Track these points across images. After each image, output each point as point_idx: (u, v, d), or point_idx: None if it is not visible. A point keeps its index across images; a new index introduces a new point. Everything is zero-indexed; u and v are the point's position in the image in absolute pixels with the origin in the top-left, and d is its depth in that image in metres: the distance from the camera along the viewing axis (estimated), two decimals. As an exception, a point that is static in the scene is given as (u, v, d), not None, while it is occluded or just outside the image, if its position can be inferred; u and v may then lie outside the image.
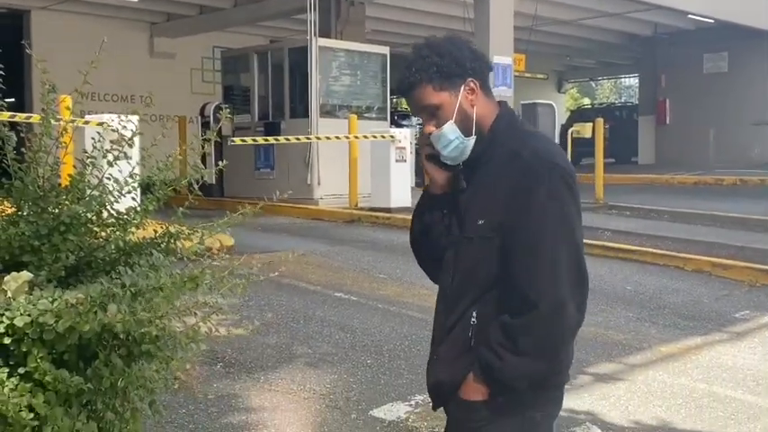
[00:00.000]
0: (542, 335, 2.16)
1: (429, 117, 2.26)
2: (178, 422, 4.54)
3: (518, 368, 2.16)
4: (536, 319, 2.13)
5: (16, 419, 2.04)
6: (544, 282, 2.14)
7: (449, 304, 2.31)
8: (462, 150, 2.26)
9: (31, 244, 2.37)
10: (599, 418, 4.87)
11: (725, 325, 7.04)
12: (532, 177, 2.16)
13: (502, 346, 2.17)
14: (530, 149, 2.22)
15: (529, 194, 2.15)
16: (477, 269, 2.24)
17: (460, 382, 2.25)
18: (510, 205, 2.17)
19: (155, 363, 2.28)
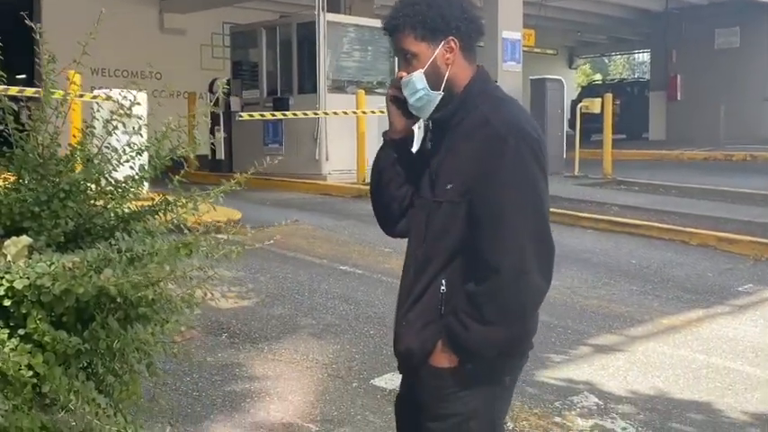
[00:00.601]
0: (506, 302, 2.18)
1: (404, 62, 2.28)
2: (182, 390, 4.63)
3: (484, 337, 2.19)
4: (499, 286, 2.16)
5: (16, 378, 2.11)
6: (506, 249, 2.16)
7: (418, 269, 2.31)
8: (427, 102, 2.26)
9: (32, 210, 2.43)
10: (597, 388, 4.94)
11: (727, 298, 7.07)
12: (499, 144, 2.16)
13: (468, 314, 2.19)
14: (499, 116, 2.22)
15: (495, 161, 2.16)
16: (444, 234, 2.25)
17: (430, 349, 2.28)
18: (477, 171, 2.18)
19: (150, 326, 2.34)
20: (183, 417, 4.30)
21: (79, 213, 2.50)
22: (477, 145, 2.20)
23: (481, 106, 2.25)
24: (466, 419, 2.29)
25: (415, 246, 2.35)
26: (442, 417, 2.31)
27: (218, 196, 2.60)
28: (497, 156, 2.16)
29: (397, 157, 2.39)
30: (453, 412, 2.29)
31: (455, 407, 2.29)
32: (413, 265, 2.34)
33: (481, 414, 2.30)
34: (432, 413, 2.33)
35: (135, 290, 2.21)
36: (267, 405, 4.59)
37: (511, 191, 2.16)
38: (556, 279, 7.31)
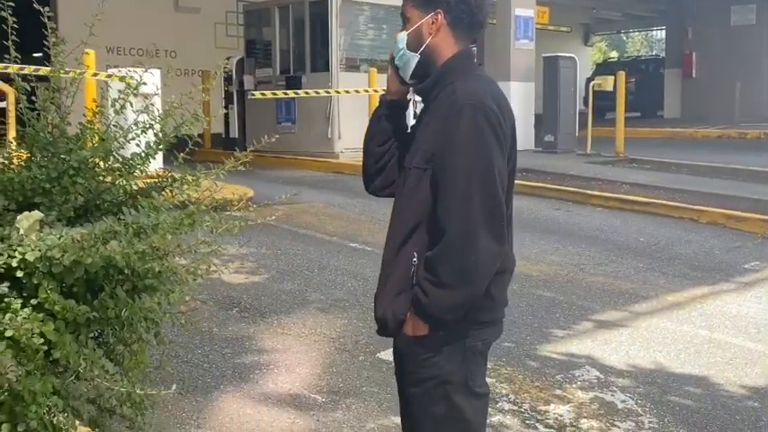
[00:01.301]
0: (456, 264, 2.26)
1: (402, 24, 2.47)
2: (194, 362, 4.76)
3: (442, 300, 2.28)
4: (448, 248, 2.25)
5: (28, 345, 2.23)
6: (455, 212, 2.25)
7: (390, 237, 2.43)
8: (406, 62, 2.44)
9: (43, 186, 2.54)
10: (598, 362, 5.03)
11: (733, 275, 7.13)
12: (456, 112, 2.27)
13: (426, 279, 2.29)
14: (464, 88, 2.33)
15: (451, 128, 2.27)
16: (411, 201, 2.36)
17: (402, 319, 2.38)
18: (438, 138, 2.31)
19: (157, 296, 2.45)
20: (194, 387, 4.44)
21: (88, 189, 2.61)
22: (443, 113, 2.32)
23: (457, 81, 2.36)
24: (441, 383, 2.40)
25: (392, 214, 2.46)
26: (419, 381, 2.42)
27: (219, 173, 2.70)
28: (454, 123, 2.27)
29: (385, 115, 2.56)
30: (429, 376, 2.40)
31: (430, 371, 2.39)
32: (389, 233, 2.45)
33: (455, 378, 2.41)
34: (409, 379, 2.45)
35: (142, 262, 2.32)
36: (275, 377, 4.71)
37: (462, 157, 2.26)
38: (563, 256, 7.45)
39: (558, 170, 12.27)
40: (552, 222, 9.24)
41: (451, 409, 2.42)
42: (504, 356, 5.05)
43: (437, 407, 2.43)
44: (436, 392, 2.41)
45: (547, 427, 4.18)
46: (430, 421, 2.46)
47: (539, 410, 4.36)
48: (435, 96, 2.39)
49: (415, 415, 2.49)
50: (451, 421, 2.44)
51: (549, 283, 6.72)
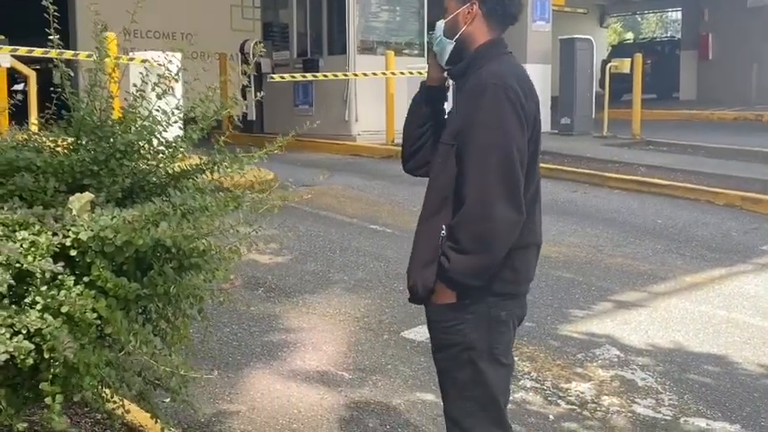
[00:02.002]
0: (475, 231, 2.41)
1: (443, 13, 2.63)
2: (223, 340, 4.89)
3: (462, 265, 2.43)
4: (466, 215, 2.41)
5: (82, 320, 2.34)
6: (473, 182, 2.41)
7: (422, 214, 2.60)
8: (443, 48, 2.62)
9: (91, 169, 2.65)
10: (618, 342, 5.13)
11: (751, 257, 7.19)
12: (480, 90, 2.44)
13: (449, 247, 2.44)
14: (490, 69, 2.50)
15: (474, 104, 2.44)
16: (443, 174, 2.52)
17: (431, 288, 2.52)
18: (462, 116, 2.50)
19: (202, 274, 2.56)
20: (225, 364, 4.57)
21: (134, 172, 2.72)
22: (468, 93, 2.50)
23: (485, 65, 2.53)
24: (465, 349, 2.54)
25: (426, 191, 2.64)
26: (444, 347, 2.58)
27: (262, 157, 2.80)
28: (477, 101, 2.44)
29: (424, 100, 2.72)
30: (454, 343, 2.55)
31: (455, 338, 2.54)
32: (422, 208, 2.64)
33: (480, 345, 2.55)
34: (436, 345, 2.63)
35: (188, 241, 2.42)
36: (303, 354, 4.84)
37: (482, 130, 2.42)
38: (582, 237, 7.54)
39: (574, 152, 12.31)
40: (570, 204, 9.31)
41: (476, 373, 2.56)
42: (526, 335, 5.15)
43: (462, 372, 2.57)
44: (461, 358, 2.55)
45: (569, 404, 4.29)
46: (454, 385, 2.61)
47: (560, 388, 4.46)
48: (467, 80, 2.56)
49: (441, 379, 2.65)
50: (475, 385, 2.58)
51: (568, 264, 6.81)
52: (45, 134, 2.95)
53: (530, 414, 4.15)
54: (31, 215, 2.37)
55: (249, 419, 4.02)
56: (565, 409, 4.23)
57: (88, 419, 3.61)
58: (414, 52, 15.15)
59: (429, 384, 4.32)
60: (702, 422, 4.09)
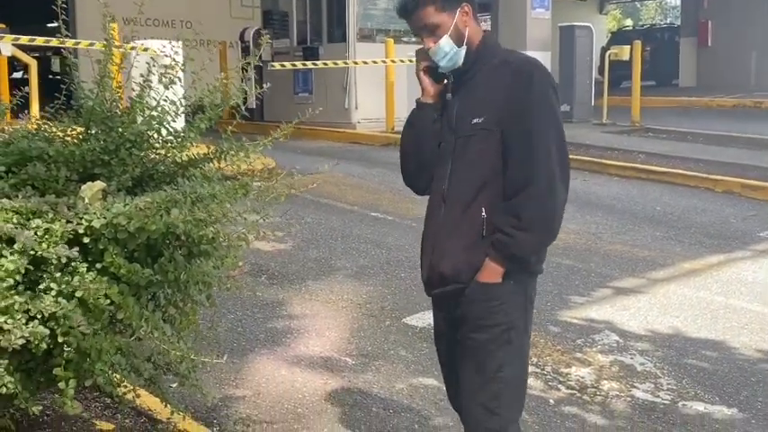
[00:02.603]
0: (540, 210, 2.53)
1: (429, 34, 2.62)
2: (228, 326, 4.95)
3: (526, 242, 2.54)
4: (535, 194, 2.51)
5: (96, 305, 2.40)
6: (540, 163, 2.51)
7: (452, 202, 2.62)
8: (455, 59, 2.63)
9: (102, 158, 2.70)
10: (617, 327, 5.19)
11: (749, 243, 7.25)
12: (527, 78, 2.54)
13: (510, 225, 2.52)
14: (517, 57, 2.65)
15: (525, 93, 2.52)
16: (479, 163, 2.57)
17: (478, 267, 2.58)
18: (508, 102, 2.53)
19: (211, 260, 2.62)
20: (230, 350, 4.63)
21: (143, 161, 2.77)
22: (501, 81, 2.57)
23: (496, 56, 2.65)
24: (507, 329, 2.62)
25: (441, 184, 2.66)
26: (486, 327, 2.61)
27: (267, 145, 2.86)
28: (527, 88, 2.53)
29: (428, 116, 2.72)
30: (497, 323, 2.61)
31: (498, 318, 2.61)
32: (442, 203, 2.65)
33: (518, 324, 2.65)
34: (475, 324, 2.63)
35: (198, 228, 2.48)
36: (306, 340, 4.90)
37: (541, 117, 2.53)
38: (581, 225, 7.59)
39: (574, 140, 12.33)
40: (569, 192, 9.33)
41: (514, 352, 2.65)
42: (526, 321, 5.21)
43: (500, 351, 2.62)
44: (502, 338, 2.61)
45: (569, 388, 4.36)
46: (487, 366, 2.64)
47: (560, 373, 4.53)
48: (475, 73, 2.63)
49: (481, 359, 2.65)
50: (510, 365, 2.66)
51: (568, 251, 6.86)
52: (55, 124, 3.00)
53: (530, 398, 4.20)
54: (44, 203, 2.43)
55: (255, 404, 4.09)
56: (565, 393, 4.30)
57: (98, 404, 3.68)
58: (413, 40, 15.15)
59: (431, 369, 4.38)
60: (700, 406, 4.16)
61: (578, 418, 4.03)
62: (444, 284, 2.66)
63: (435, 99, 2.71)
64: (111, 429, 3.51)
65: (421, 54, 2.69)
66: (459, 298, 2.65)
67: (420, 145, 2.73)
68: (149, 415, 3.67)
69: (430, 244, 2.69)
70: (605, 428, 3.93)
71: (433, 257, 2.67)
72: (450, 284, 2.65)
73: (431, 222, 2.71)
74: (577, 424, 3.97)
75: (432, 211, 2.71)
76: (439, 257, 2.65)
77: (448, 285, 2.65)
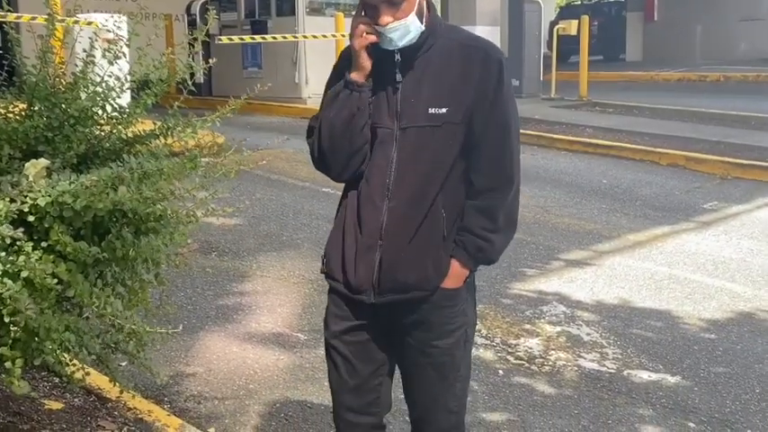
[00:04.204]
0: (511, 209, 2.43)
1: (390, 8, 2.27)
2: (178, 303, 4.90)
3: (502, 245, 2.44)
4: (507, 194, 2.39)
5: (42, 284, 2.37)
6: (513, 163, 2.40)
7: (402, 198, 2.35)
8: (413, 39, 2.32)
9: (45, 135, 2.65)
10: (565, 298, 5.29)
11: (693, 215, 7.42)
12: (497, 67, 2.34)
13: (485, 228, 2.38)
14: (475, 41, 2.43)
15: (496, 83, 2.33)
16: (440, 156, 2.35)
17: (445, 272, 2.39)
18: (477, 93, 2.32)
19: (160, 238, 2.60)
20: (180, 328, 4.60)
21: (88, 138, 2.73)
22: (469, 69, 2.33)
23: (448, 35, 2.40)
24: (467, 328, 2.50)
25: (382, 176, 2.37)
26: (451, 332, 2.46)
27: (215, 121, 2.83)
28: (497, 78, 2.34)
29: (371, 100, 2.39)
30: (459, 325, 2.47)
31: (460, 320, 2.47)
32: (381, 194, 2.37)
33: (473, 320, 2.56)
34: (441, 331, 2.44)
35: (145, 205, 2.46)
36: (258, 317, 4.90)
37: (511, 110, 2.39)
38: (530, 198, 7.69)
39: (523, 114, 12.28)
40: (518, 166, 9.44)
41: (469, 348, 2.57)
42: (477, 294, 5.27)
43: (461, 352, 2.51)
44: (462, 338, 2.49)
45: (517, 359, 4.44)
46: (451, 372, 2.51)
47: (509, 344, 4.61)
48: (427, 50, 2.36)
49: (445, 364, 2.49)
50: (467, 363, 2.57)
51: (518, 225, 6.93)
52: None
53: (480, 369, 4.28)
54: (-14, 182, 2.38)
55: (206, 381, 4.09)
56: (514, 364, 4.38)
57: (46, 383, 3.65)
58: (363, 14, 15.04)
59: (383, 343, 4.41)
60: (645, 374, 4.27)
61: (527, 388, 4.10)
62: (405, 291, 2.38)
63: (365, 79, 2.37)
64: (60, 408, 3.49)
65: (366, 28, 2.32)
66: (415, 304, 2.41)
67: (354, 130, 2.38)
68: (99, 394, 3.65)
69: (370, 243, 2.38)
70: (553, 397, 4.01)
71: (384, 261, 2.37)
72: (411, 291, 2.39)
73: (369, 217, 2.39)
74: (526, 393, 4.05)
75: (366, 203, 2.39)
76: (395, 261, 2.37)
77: (409, 293, 2.39)
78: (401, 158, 2.35)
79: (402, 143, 2.36)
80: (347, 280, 2.44)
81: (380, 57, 2.36)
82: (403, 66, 2.36)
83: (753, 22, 21.91)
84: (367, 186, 2.41)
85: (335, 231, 2.53)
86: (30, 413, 3.35)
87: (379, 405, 2.58)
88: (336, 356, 2.54)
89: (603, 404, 3.95)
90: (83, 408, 3.54)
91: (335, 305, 2.53)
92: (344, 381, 2.54)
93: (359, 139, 2.39)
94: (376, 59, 2.37)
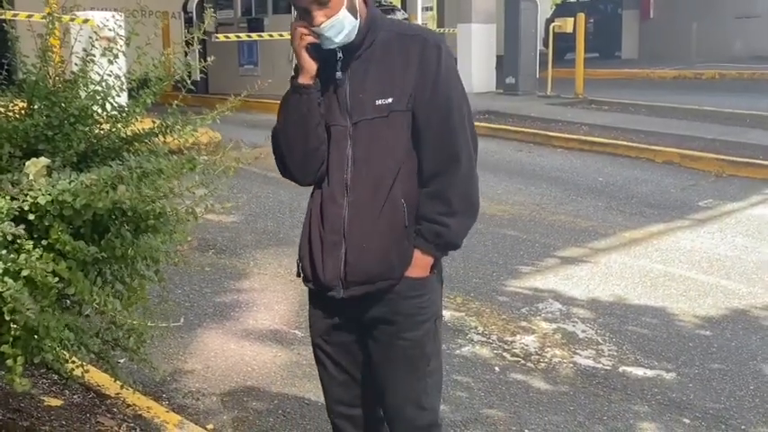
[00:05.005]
0: (466, 192, 2.42)
1: (319, 7, 2.28)
2: (176, 300, 4.94)
3: (461, 228, 2.44)
4: (462, 175, 2.39)
5: (43, 283, 2.39)
6: (461, 144, 2.39)
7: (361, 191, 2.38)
8: (351, 35, 2.35)
9: (45, 134, 2.66)
10: (560, 295, 5.32)
11: (688, 212, 7.46)
12: (435, 51, 2.36)
13: (441, 213, 2.39)
14: (415, 30, 2.50)
15: (435, 67, 2.35)
16: (393, 147, 2.38)
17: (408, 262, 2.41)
18: (418, 78, 2.35)
19: (159, 236, 2.62)
20: (178, 325, 4.63)
21: (88, 136, 2.74)
22: (408, 57, 2.36)
23: (388, 27, 2.44)
24: (435, 320, 2.51)
25: (340, 172, 2.40)
26: (419, 323, 2.46)
27: (215, 119, 2.85)
28: (436, 62, 2.36)
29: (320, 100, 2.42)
30: (428, 317, 2.48)
31: (428, 311, 2.48)
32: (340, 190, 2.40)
33: (440, 311, 2.57)
34: (410, 323, 2.45)
35: (145, 203, 2.48)
36: (255, 314, 4.93)
37: (454, 91, 2.40)
38: (525, 196, 7.71)
39: (519, 112, 12.48)
40: (515, 164, 9.48)
41: (439, 341, 2.57)
42: (473, 291, 5.31)
43: (431, 344, 2.50)
44: (432, 330, 2.50)
45: (513, 356, 4.46)
46: (420, 364, 2.50)
47: (506, 341, 4.64)
48: (368, 46, 2.39)
49: (414, 357, 2.49)
50: (436, 354, 2.56)
51: (513, 222, 6.98)
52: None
53: (476, 366, 4.31)
54: (-13, 180, 2.40)
55: (204, 378, 4.11)
56: (510, 361, 4.40)
57: (46, 380, 3.67)
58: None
59: (380, 340, 4.44)
60: (640, 371, 4.30)
61: (523, 385, 4.13)
62: (370, 282, 2.40)
63: (314, 79, 2.40)
64: (59, 405, 3.51)
65: (303, 30, 2.35)
66: (381, 294, 2.42)
67: (307, 132, 2.41)
68: (98, 390, 3.67)
69: (334, 239, 2.41)
70: (549, 394, 4.04)
71: (349, 254, 2.39)
72: (377, 282, 2.40)
73: (331, 214, 2.41)
74: (522, 390, 4.07)
75: (328, 201, 2.42)
76: (359, 253, 2.38)
77: (375, 283, 2.40)
78: (356, 153, 2.39)
79: (355, 138, 2.39)
80: (317, 277, 2.49)
81: (326, 58, 2.40)
82: (346, 63, 2.40)
83: (748, 20, 21.95)
84: (327, 185, 2.44)
85: (303, 233, 2.57)
86: (29, 410, 3.37)
87: (371, 397, 2.60)
88: (321, 355, 2.61)
89: (599, 400, 3.98)
90: (82, 404, 3.56)
91: (314, 306, 2.61)
92: (333, 377, 2.61)
93: (313, 140, 2.42)
94: (322, 61, 2.40)
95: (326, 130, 2.43)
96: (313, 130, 2.42)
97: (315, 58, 2.39)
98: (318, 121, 2.42)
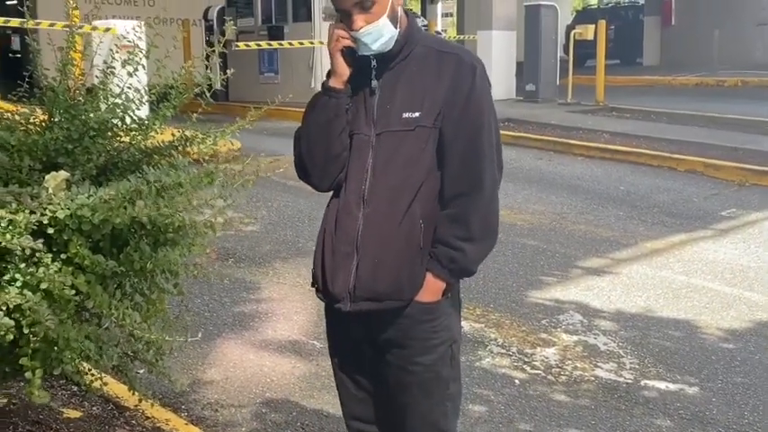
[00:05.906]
0: (486, 217, 2.37)
1: (362, 12, 2.27)
2: (195, 310, 4.94)
3: (478, 255, 2.39)
4: (481, 201, 2.34)
5: (61, 296, 2.39)
6: (486, 168, 2.34)
7: (378, 205, 2.33)
8: (389, 43, 2.32)
9: (65, 147, 2.67)
10: (582, 307, 5.27)
11: (710, 222, 7.38)
12: (470, 71, 2.32)
13: (459, 238, 2.33)
14: (452, 47, 2.42)
15: (469, 87, 2.31)
16: (415, 161, 2.32)
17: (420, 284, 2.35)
18: (449, 97, 2.31)
19: (178, 249, 2.61)
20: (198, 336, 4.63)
21: (108, 149, 2.75)
22: (442, 74, 2.32)
23: (425, 40, 2.41)
24: (451, 344, 2.45)
25: (359, 183, 2.36)
26: (432, 348, 2.41)
27: (235, 132, 2.84)
28: (470, 81, 2.32)
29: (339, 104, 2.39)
30: (442, 341, 2.42)
31: (442, 335, 2.42)
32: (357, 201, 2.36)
33: (458, 336, 2.51)
34: (421, 347, 2.40)
35: (163, 217, 2.47)
36: (274, 324, 4.92)
37: (484, 113, 2.34)
38: (546, 205, 7.68)
39: (539, 119, 12.43)
40: (535, 172, 9.43)
41: (456, 365, 2.51)
42: (492, 302, 5.28)
43: (446, 369, 2.45)
44: (447, 354, 2.44)
45: (534, 368, 4.42)
46: (437, 389, 2.46)
47: (526, 353, 4.59)
48: (404, 57, 2.36)
49: (429, 381, 2.44)
50: (455, 379, 2.51)
51: (533, 232, 6.94)
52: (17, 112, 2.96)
53: (496, 378, 4.27)
54: (7, 194, 2.40)
55: (223, 389, 4.10)
56: (530, 373, 4.36)
57: (65, 392, 3.67)
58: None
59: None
60: (662, 385, 4.24)
61: (543, 398, 4.09)
62: (377, 299, 2.35)
63: (346, 84, 2.38)
64: (78, 417, 3.51)
65: (340, 31, 2.33)
66: (392, 317, 2.38)
67: (331, 136, 2.38)
68: (117, 402, 3.67)
69: (347, 251, 2.35)
70: (570, 408, 4.00)
71: (361, 267, 2.34)
72: (384, 301, 2.35)
73: (345, 224, 2.37)
74: (542, 403, 4.03)
75: (343, 212, 2.38)
76: (370, 267, 2.33)
77: (383, 302, 2.35)
78: (376, 165, 2.34)
79: (377, 149, 2.35)
80: (327, 289, 2.43)
81: (360, 65, 2.37)
82: (380, 72, 2.37)
83: (770, 27, 21.76)
84: (344, 194, 2.40)
85: (317, 243, 2.50)
86: (48, 422, 3.38)
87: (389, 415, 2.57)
88: (338, 371, 2.60)
89: (621, 415, 3.94)
90: (101, 416, 3.56)
91: (329, 320, 2.58)
92: (352, 394, 2.59)
93: (336, 146, 2.39)
94: (356, 68, 2.38)
95: (350, 138, 2.40)
96: (336, 136, 2.39)
97: (349, 63, 2.37)
98: (344, 127, 2.39)
